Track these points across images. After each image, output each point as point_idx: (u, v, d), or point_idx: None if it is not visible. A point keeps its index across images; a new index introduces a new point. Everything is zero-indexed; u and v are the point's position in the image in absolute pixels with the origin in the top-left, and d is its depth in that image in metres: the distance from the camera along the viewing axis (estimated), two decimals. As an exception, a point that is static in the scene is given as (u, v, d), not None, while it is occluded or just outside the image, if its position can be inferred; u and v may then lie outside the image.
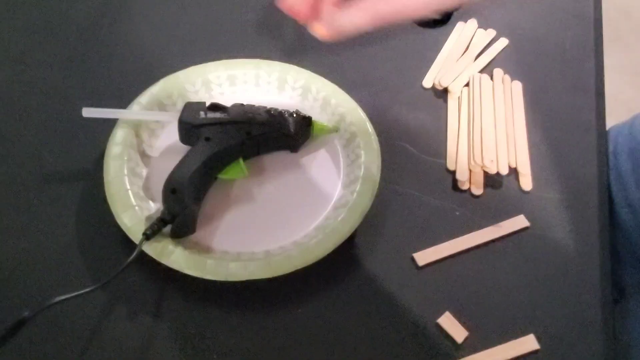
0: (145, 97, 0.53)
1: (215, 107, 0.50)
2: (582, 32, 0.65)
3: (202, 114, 0.49)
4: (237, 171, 0.49)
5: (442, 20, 0.65)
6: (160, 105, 0.53)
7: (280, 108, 0.52)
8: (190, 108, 0.50)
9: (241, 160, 0.49)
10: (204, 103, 0.51)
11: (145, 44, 0.62)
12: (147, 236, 0.44)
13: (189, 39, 0.62)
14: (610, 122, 0.61)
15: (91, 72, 0.59)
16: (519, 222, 0.50)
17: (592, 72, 0.62)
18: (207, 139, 0.48)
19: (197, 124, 0.49)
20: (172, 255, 0.44)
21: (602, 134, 0.58)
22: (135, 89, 0.54)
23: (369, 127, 0.52)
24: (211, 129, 0.49)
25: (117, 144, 0.50)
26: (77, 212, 0.49)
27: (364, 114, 0.53)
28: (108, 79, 0.59)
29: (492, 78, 0.60)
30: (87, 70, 0.59)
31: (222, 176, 0.49)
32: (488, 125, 0.56)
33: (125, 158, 0.49)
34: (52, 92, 0.57)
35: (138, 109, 0.52)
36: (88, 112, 0.50)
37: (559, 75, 0.62)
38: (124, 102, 0.53)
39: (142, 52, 0.61)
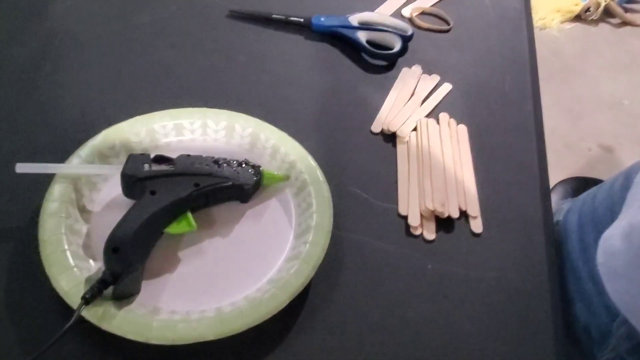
0: (85, 150, 0.50)
1: (160, 159, 0.48)
2: (519, 76, 0.68)
3: (146, 166, 0.48)
4: (185, 225, 0.47)
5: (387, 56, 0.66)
6: (101, 157, 0.51)
7: (228, 158, 0.51)
8: (134, 160, 0.48)
9: (189, 214, 0.47)
10: (149, 155, 0.49)
11: (87, 93, 0.60)
12: (87, 300, 0.41)
13: (133, 88, 0.61)
14: (550, 156, 0.63)
15: (27, 124, 0.56)
16: None
17: (531, 114, 0.64)
18: (153, 193, 0.46)
19: (141, 177, 0.47)
20: (114, 319, 0.41)
21: (544, 173, 0.60)
22: (76, 141, 0.51)
23: (320, 175, 0.52)
24: (156, 182, 0.47)
25: (54, 201, 0.47)
26: (7, 276, 0.45)
27: (314, 161, 0.53)
28: (46, 132, 0.56)
29: (438, 122, 0.61)
30: (23, 121, 0.56)
31: (169, 231, 0.47)
32: (437, 169, 0.57)
33: (63, 215, 0.46)
34: (-17, 146, 0.54)
35: (77, 162, 0.49)
36: (22, 168, 0.47)
37: (500, 118, 0.64)
38: (63, 154, 0.50)
39: (84, 102, 0.59)
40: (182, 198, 0.47)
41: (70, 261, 0.44)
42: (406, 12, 0.73)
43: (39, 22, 0.66)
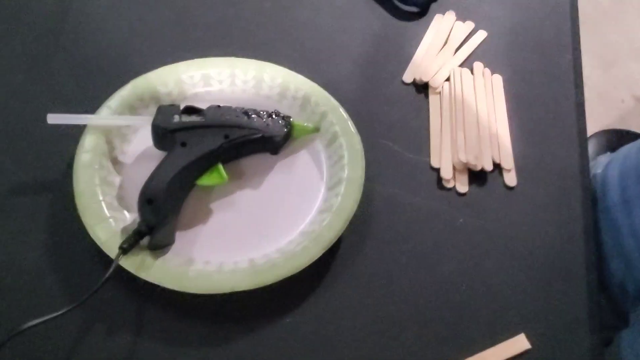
0: (114, 101, 0.50)
1: (190, 110, 0.48)
2: (559, 23, 0.65)
3: (176, 117, 0.47)
4: (216, 177, 0.47)
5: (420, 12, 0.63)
6: (131, 109, 0.50)
7: (258, 109, 0.50)
8: (164, 112, 0.48)
9: (220, 165, 0.47)
10: (178, 106, 0.48)
11: (112, 42, 0.58)
12: (124, 250, 0.41)
13: (159, 37, 0.59)
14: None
15: (55, 75, 0.56)
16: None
17: (571, 64, 0.62)
18: (183, 144, 0.46)
19: (172, 128, 0.46)
20: (151, 268, 0.42)
21: (582, 125, 0.58)
22: (103, 92, 0.51)
23: (351, 127, 0.51)
24: (187, 134, 0.46)
25: (87, 152, 0.47)
26: (46, 227, 0.46)
27: (345, 112, 0.51)
28: (74, 82, 0.55)
29: (472, 72, 0.59)
30: (51, 72, 0.56)
31: (200, 183, 0.46)
32: (470, 120, 0.55)
33: (96, 166, 0.46)
34: (13, 98, 0.54)
35: (108, 114, 0.49)
36: (53, 119, 0.47)
37: (538, 67, 0.61)
38: (92, 106, 0.50)
39: (110, 52, 0.58)
40: (212, 150, 0.46)
41: (105, 212, 0.44)
42: (440, -47, 0.69)
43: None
